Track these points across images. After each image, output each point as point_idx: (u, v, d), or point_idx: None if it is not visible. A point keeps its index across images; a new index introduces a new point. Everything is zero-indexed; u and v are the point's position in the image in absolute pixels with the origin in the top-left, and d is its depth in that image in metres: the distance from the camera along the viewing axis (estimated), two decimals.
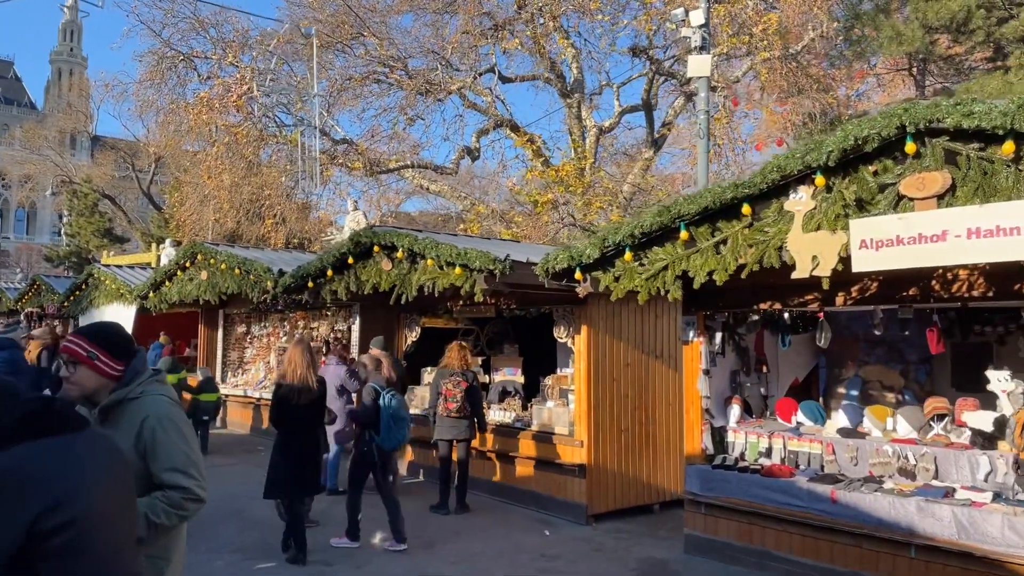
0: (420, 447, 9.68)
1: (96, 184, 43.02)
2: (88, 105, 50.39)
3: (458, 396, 7.89)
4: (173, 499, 2.53)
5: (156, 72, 21.50)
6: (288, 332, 13.05)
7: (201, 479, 2.62)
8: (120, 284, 14.94)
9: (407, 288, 7.97)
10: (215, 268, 11.65)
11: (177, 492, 2.54)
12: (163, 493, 2.53)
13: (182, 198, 24.33)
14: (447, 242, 7.33)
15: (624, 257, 5.56)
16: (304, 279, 9.31)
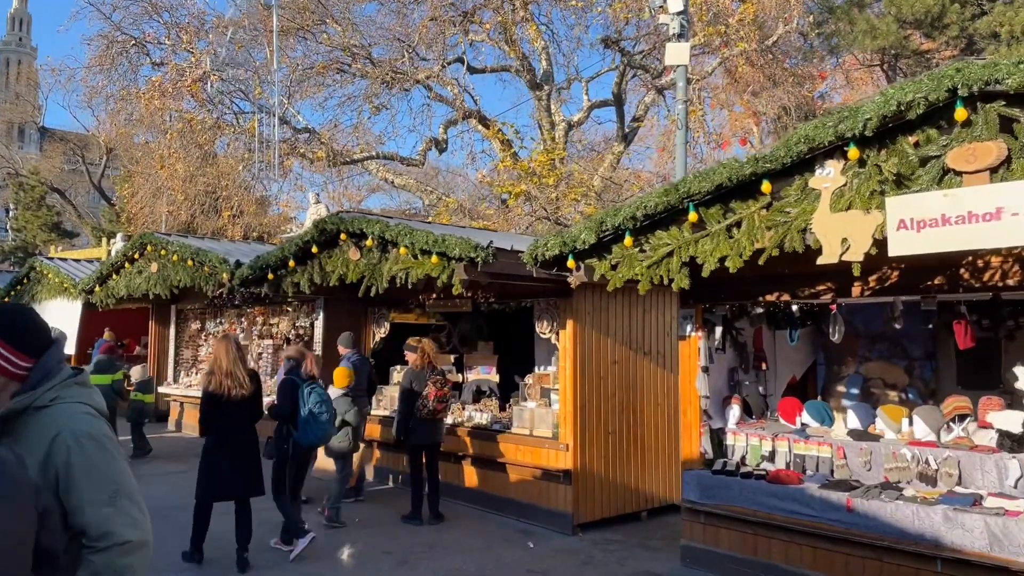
0: (389, 451, 9.04)
1: (44, 177, 41.30)
2: (36, 96, 48.43)
3: (446, 396, 7.28)
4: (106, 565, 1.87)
5: (105, 57, 20.37)
6: (246, 329, 12.26)
7: (139, 514, 1.96)
8: (64, 278, 13.96)
9: (377, 279, 7.33)
10: (166, 260, 10.83)
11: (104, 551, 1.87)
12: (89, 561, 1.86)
13: (133, 189, 23.17)
14: (422, 229, 6.70)
15: (623, 242, 5.02)
16: (263, 271, 8.60)
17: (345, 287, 9.03)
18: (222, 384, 5.63)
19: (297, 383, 6.16)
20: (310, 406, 6.04)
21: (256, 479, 5.80)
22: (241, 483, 5.72)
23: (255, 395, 5.85)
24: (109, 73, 20.85)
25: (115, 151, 36.48)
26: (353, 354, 8.25)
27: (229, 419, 5.70)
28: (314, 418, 6.04)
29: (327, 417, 6.12)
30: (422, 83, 20.43)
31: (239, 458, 5.71)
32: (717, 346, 6.10)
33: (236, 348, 5.79)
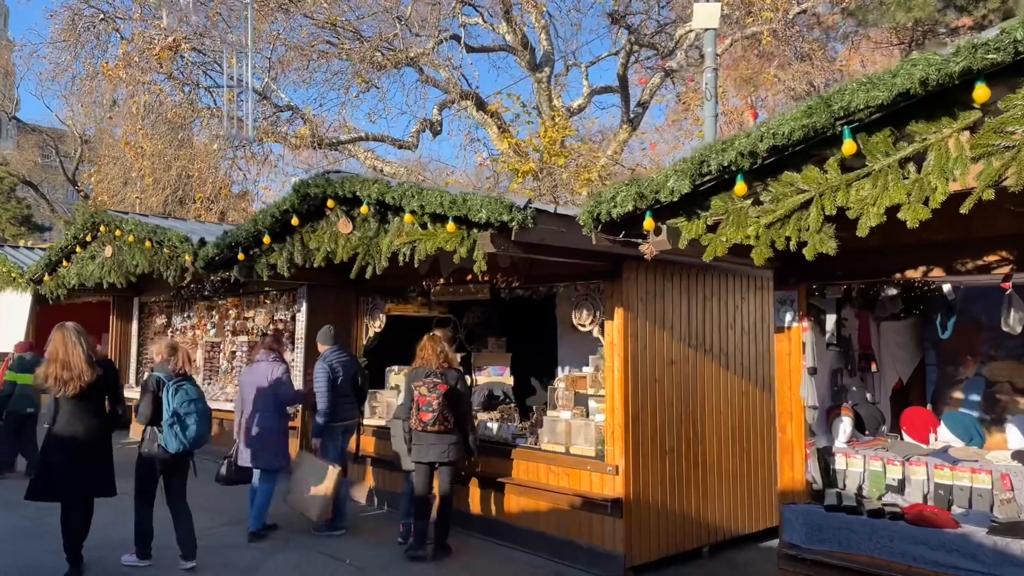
0: (383, 468, 7.51)
1: (14, 168, 39.38)
2: (12, 88, 46.44)
3: (434, 403, 5.76)
4: None
5: (71, 32, 18.69)
6: (217, 323, 10.67)
7: None
8: (11, 267, 12.28)
9: (374, 257, 5.79)
10: (121, 242, 9.23)
11: None
12: None
13: (101, 176, 21.43)
14: (435, 189, 5.15)
15: (732, 190, 3.51)
16: (232, 249, 7.03)
17: (333, 269, 7.49)
18: (56, 375, 5.14)
19: (163, 380, 5.51)
20: (174, 406, 5.38)
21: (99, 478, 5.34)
22: (82, 483, 5.26)
23: (100, 385, 5.31)
24: (75, 49, 19.20)
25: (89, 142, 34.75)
26: (333, 351, 6.86)
27: (70, 413, 5.24)
28: (179, 420, 5.38)
29: (195, 419, 5.44)
30: (413, 65, 18.93)
31: (77, 455, 5.23)
32: (829, 340, 4.63)
33: (75, 336, 5.26)
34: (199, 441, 5.50)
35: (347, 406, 6.82)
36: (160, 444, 5.43)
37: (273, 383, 6.54)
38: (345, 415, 6.79)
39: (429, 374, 5.92)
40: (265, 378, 6.55)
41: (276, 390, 6.54)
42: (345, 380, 6.75)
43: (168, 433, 5.39)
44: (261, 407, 6.50)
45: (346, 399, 6.79)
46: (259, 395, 6.51)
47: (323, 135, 15.88)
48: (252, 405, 6.53)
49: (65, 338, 5.25)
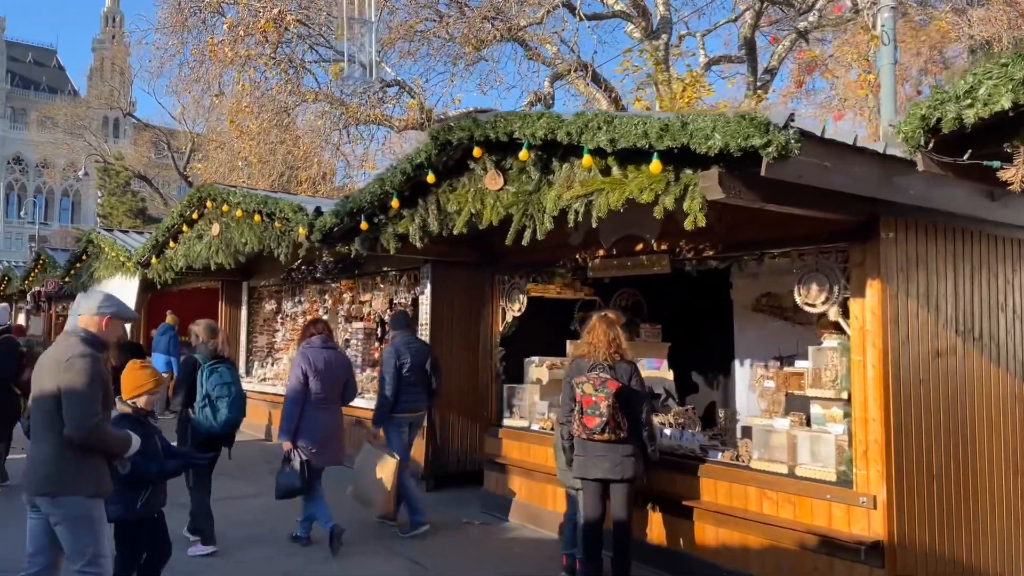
0: (527, 478, 6.27)
1: (129, 163, 40.84)
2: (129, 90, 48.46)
3: (602, 405, 4.45)
4: None
5: (178, 18, 18.45)
6: (330, 308, 9.73)
7: None
8: (120, 251, 11.81)
9: (535, 217, 4.52)
10: (228, 217, 8.37)
11: None
12: None
13: (208, 164, 21.27)
14: (630, 116, 3.80)
15: None
16: (354, 216, 5.91)
17: (469, 242, 6.31)
18: None
19: (198, 362, 5.49)
20: (207, 389, 5.32)
21: None
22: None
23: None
24: (181, 35, 18.99)
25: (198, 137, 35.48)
26: (403, 337, 6.36)
27: None
28: (211, 403, 5.31)
29: (227, 402, 5.33)
30: (518, 39, 17.69)
31: None
32: None
33: None
34: (230, 424, 5.39)
35: (414, 396, 6.26)
36: (193, 424, 5.40)
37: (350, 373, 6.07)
38: (410, 406, 6.26)
39: (594, 367, 4.61)
40: (342, 367, 5.98)
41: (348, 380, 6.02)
42: (413, 369, 6.19)
43: (200, 415, 5.34)
44: (334, 399, 5.83)
45: (413, 389, 6.23)
46: (335, 385, 5.82)
47: (431, 110, 14.85)
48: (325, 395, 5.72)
49: None
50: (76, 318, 3.45)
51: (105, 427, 3.32)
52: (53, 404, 3.24)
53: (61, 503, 3.27)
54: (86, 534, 3.31)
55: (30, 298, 18.60)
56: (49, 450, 3.29)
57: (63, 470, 3.27)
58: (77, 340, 3.36)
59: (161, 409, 12.05)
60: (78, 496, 3.29)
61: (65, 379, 3.23)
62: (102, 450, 3.37)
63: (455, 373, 7.72)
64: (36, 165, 78.88)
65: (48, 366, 3.33)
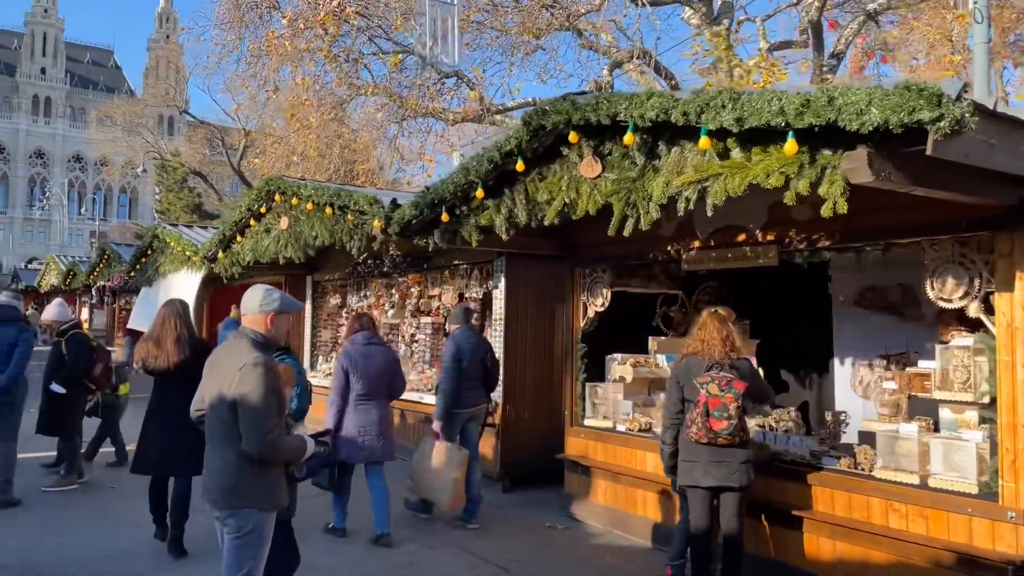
0: (612, 481, 5.99)
1: (185, 160, 41.63)
2: (184, 88, 49.47)
3: (730, 407, 4.16)
4: None
5: (235, 15, 18.56)
6: (397, 303, 9.57)
7: None
8: (186, 245, 11.85)
9: (638, 206, 4.22)
10: (298, 211, 8.24)
11: None
12: None
13: (265, 159, 21.39)
14: (761, 92, 3.46)
15: None
16: (434, 208, 5.69)
17: (547, 234, 6.03)
18: (148, 352, 5.29)
19: None
20: None
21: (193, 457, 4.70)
22: (171, 460, 5.24)
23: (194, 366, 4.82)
24: (239, 30, 19.11)
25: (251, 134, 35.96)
26: (462, 332, 6.23)
27: (161, 390, 5.39)
28: None
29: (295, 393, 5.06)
30: (574, 28, 17.33)
31: (172, 433, 5.15)
32: None
33: (177, 314, 5.35)
34: (298, 414, 5.19)
35: (472, 392, 6.17)
36: None
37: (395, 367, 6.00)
38: (469, 401, 6.15)
39: (713, 366, 4.30)
40: (386, 363, 5.86)
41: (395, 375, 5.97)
42: (471, 364, 6.10)
43: None
44: (379, 395, 5.78)
45: (471, 383, 6.14)
46: (379, 382, 5.76)
47: (490, 102, 14.62)
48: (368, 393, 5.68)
49: (166, 317, 5.34)
50: (243, 317, 3.33)
51: (282, 440, 3.16)
52: (229, 414, 3.10)
53: (238, 515, 3.14)
54: (251, 549, 3.18)
55: (95, 292, 18.99)
56: (227, 460, 3.15)
57: (241, 482, 3.13)
58: (248, 343, 3.20)
59: None
60: (253, 509, 3.15)
61: (240, 392, 3.06)
62: (280, 461, 3.23)
63: (529, 370, 7.49)
64: (95, 163, 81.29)
65: (222, 370, 3.18)
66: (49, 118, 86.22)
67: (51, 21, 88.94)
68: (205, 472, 3.27)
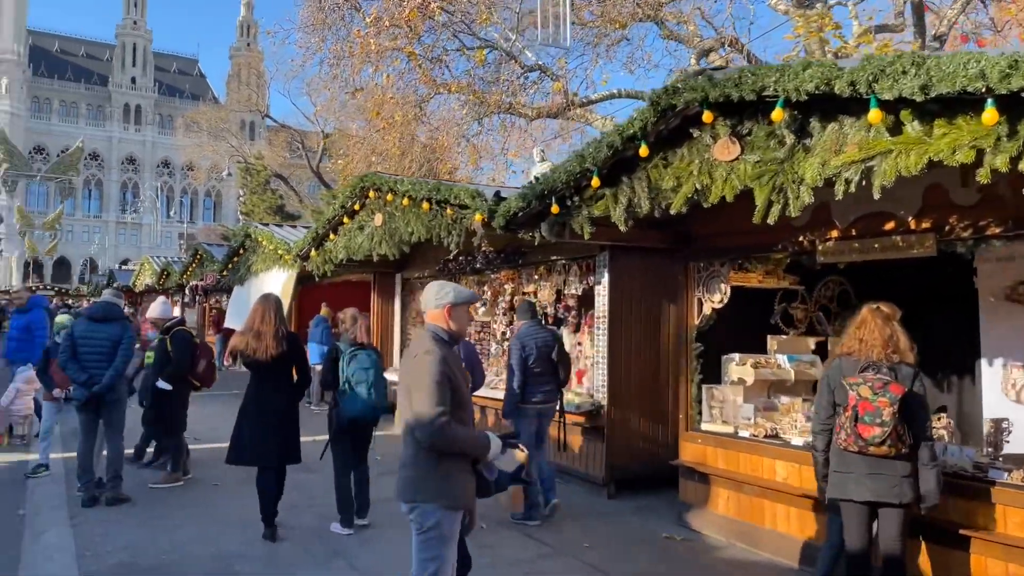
0: (734, 490, 5.57)
1: (267, 163, 42.82)
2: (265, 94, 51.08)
3: (884, 412, 3.70)
4: None
5: (318, 16, 18.80)
6: (489, 300, 9.35)
7: None
8: (278, 243, 11.96)
9: (788, 189, 3.82)
10: (394, 207, 8.10)
11: None
12: None
13: (348, 160, 21.60)
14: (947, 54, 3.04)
15: None
16: (543, 199, 5.40)
17: (656, 225, 5.66)
18: (247, 345, 5.41)
19: (339, 350, 5.66)
20: (347, 375, 5.52)
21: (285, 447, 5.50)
22: (265, 450, 5.41)
23: (287, 359, 5.50)
24: (321, 32, 19.35)
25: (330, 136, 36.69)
26: (530, 327, 6.18)
27: (257, 382, 5.51)
28: (351, 388, 5.51)
29: (366, 388, 5.50)
30: (657, 19, 16.81)
31: (265, 424, 5.41)
32: None
33: (274, 309, 5.52)
34: (370, 409, 5.52)
35: (542, 387, 6.09)
36: (338, 410, 5.54)
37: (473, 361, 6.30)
38: (539, 397, 6.09)
39: (868, 367, 3.86)
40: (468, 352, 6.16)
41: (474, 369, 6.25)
42: (539, 359, 6.04)
43: (344, 400, 5.49)
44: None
45: (540, 379, 6.07)
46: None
47: (574, 94, 14.29)
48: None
49: (263, 311, 5.47)
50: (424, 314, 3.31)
51: (454, 429, 3.04)
52: (408, 405, 3.10)
53: (417, 510, 3.09)
54: (434, 548, 3.09)
55: (188, 291, 19.54)
56: (409, 454, 3.12)
57: (420, 476, 3.08)
58: (428, 336, 3.18)
59: (316, 401, 12.20)
60: (432, 504, 3.06)
61: (410, 380, 3.05)
62: (454, 453, 3.10)
63: (635, 370, 7.12)
64: (182, 168, 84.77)
65: (404, 367, 3.23)
66: (139, 126, 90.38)
67: (140, 33, 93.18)
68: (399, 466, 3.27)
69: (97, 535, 5.43)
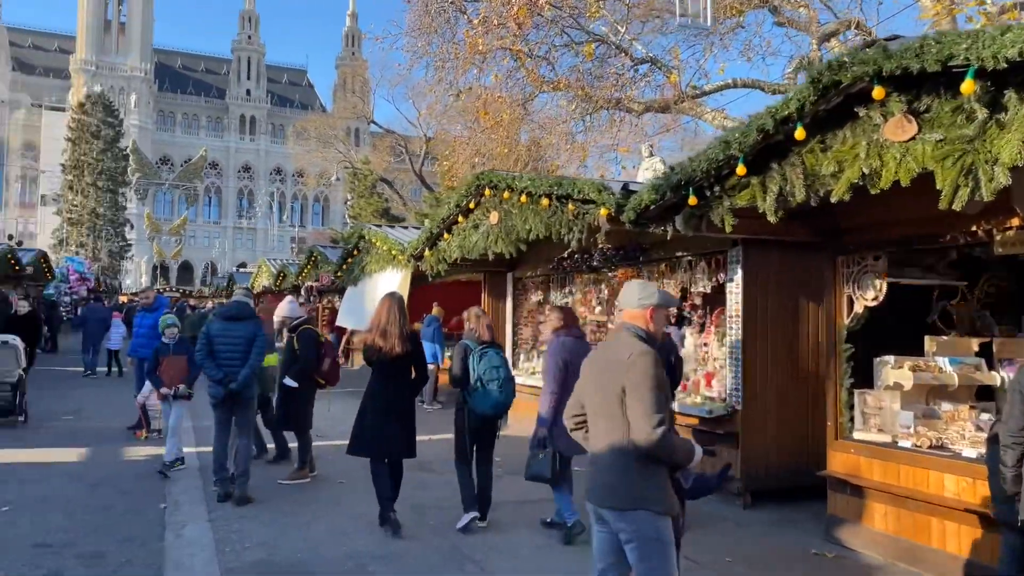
0: (891, 504, 5.08)
1: (373, 167, 44.03)
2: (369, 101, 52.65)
3: None
4: None
5: (425, 20, 19.02)
6: (606, 299, 9.07)
7: None
8: (392, 244, 12.10)
9: (980, 169, 3.39)
10: (510, 204, 7.96)
11: None
12: None
13: (452, 161, 21.78)
14: None
15: None
16: (679, 190, 5.09)
17: (799, 216, 5.24)
18: (373, 342, 5.52)
19: (468, 348, 5.69)
20: (479, 373, 5.57)
21: (405, 441, 5.62)
22: (386, 443, 5.56)
23: (409, 357, 5.61)
24: (428, 36, 19.57)
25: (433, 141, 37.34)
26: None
27: (380, 378, 5.60)
28: (483, 385, 5.56)
29: (498, 385, 5.57)
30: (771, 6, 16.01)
31: (386, 418, 5.54)
32: None
33: (399, 308, 5.61)
34: (501, 406, 5.63)
35: None
36: (469, 407, 5.57)
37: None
38: None
39: None
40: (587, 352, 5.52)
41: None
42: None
43: (475, 397, 5.53)
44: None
45: None
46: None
47: (692, 87, 13.79)
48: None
49: (389, 309, 5.56)
50: (621, 313, 3.17)
51: (673, 436, 2.94)
52: (618, 408, 2.93)
53: (628, 518, 2.95)
54: (657, 557, 2.96)
55: (304, 292, 20.22)
56: (612, 458, 2.97)
57: (628, 481, 2.94)
58: (630, 335, 3.01)
59: (429, 400, 12.27)
60: (645, 511, 2.92)
61: (629, 382, 2.87)
62: (669, 461, 2.97)
63: (772, 373, 6.68)
64: (293, 174, 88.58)
65: (603, 366, 3.06)
66: (254, 135, 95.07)
67: (254, 47, 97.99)
68: (590, 471, 3.13)
69: (233, 531, 5.52)
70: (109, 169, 51.62)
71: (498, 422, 5.79)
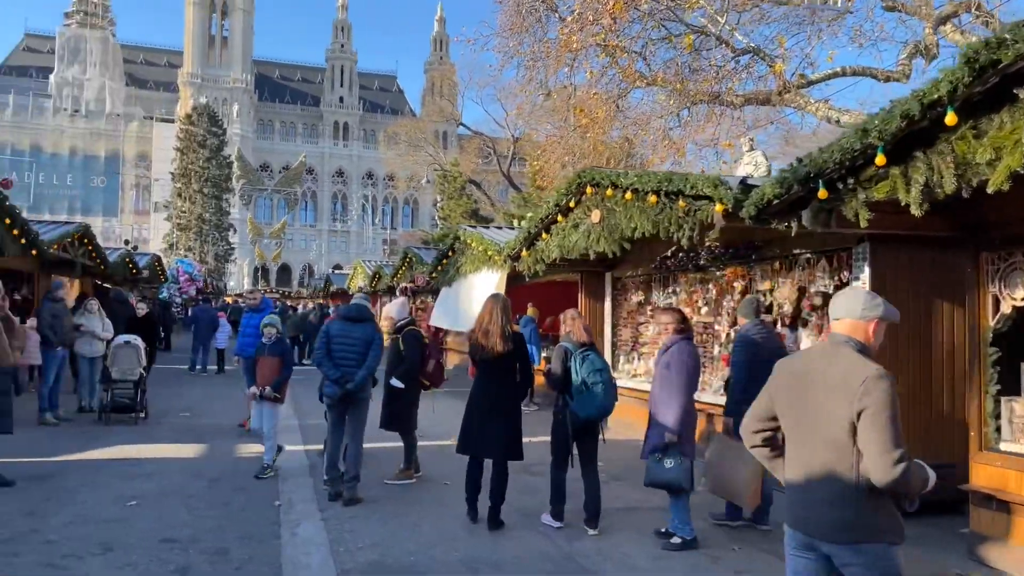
0: None
1: (462, 169, 44.58)
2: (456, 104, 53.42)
3: None
4: None
5: (516, 19, 18.99)
6: (714, 300, 8.73)
7: None
8: (488, 244, 12.09)
9: None
10: (614, 202, 7.76)
11: None
12: None
13: (543, 162, 21.67)
14: None
15: None
16: (807, 183, 4.77)
17: (943, 210, 4.82)
18: (476, 341, 5.59)
19: (569, 350, 5.64)
20: (583, 375, 5.50)
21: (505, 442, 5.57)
22: (488, 442, 5.59)
23: (512, 357, 5.62)
24: (519, 36, 19.54)
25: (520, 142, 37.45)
26: (754, 325, 5.89)
27: (484, 377, 5.66)
28: (587, 388, 5.48)
29: (602, 388, 5.49)
30: None
31: (489, 417, 5.59)
32: None
33: (502, 308, 5.64)
34: (605, 409, 5.59)
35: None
36: (572, 410, 5.50)
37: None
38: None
39: None
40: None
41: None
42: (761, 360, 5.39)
43: (578, 400, 5.49)
44: None
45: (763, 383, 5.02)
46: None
47: (800, 76, 13.18)
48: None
49: (492, 309, 5.64)
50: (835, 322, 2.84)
51: (913, 467, 2.63)
52: (840, 435, 2.65)
53: (864, 551, 2.68)
54: None
55: (399, 292, 20.59)
56: (837, 489, 2.67)
57: (862, 514, 2.66)
58: (852, 351, 2.71)
59: (527, 401, 12.18)
60: (881, 544, 2.67)
61: (867, 408, 2.57)
62: (904, 493, 2.69)
63: (902, 378, 6.20)
64: (384, 178, 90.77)
65: (819, 383, 2.74)
66: (347, 141, 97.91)
67: (347, 55, 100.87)
68: (805, 500, 2.78)
69: (346, 531, 5.56)
70: (214, 176, 54.23)
71: (600, 425, 5.72)
